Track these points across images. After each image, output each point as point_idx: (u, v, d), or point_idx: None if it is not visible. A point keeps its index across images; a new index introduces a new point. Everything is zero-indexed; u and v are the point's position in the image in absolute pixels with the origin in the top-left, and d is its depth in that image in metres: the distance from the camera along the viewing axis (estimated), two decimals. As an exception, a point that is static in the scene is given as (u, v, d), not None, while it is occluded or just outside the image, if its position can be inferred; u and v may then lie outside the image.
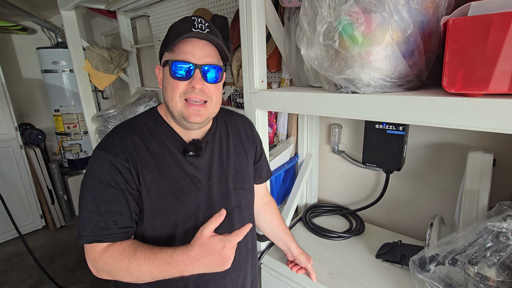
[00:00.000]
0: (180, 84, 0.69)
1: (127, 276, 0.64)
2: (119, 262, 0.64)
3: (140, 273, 0.63)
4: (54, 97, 2.83)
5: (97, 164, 0.67)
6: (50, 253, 2.49)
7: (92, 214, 0.66)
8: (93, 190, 0.66)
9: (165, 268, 0.62)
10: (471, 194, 0.84)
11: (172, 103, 0.70)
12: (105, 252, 0.66)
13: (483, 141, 1.01)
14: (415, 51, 0.67)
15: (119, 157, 0.67)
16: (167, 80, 0.70)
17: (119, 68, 2.29)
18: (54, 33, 2.82)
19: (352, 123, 1.33)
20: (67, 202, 3.02)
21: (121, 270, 0.64)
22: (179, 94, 0.69)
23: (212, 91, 0.72)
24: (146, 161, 0.70)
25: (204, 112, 0.72)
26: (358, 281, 0.95)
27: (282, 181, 1.37)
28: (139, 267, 0.63)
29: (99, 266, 0.66)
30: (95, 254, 0.67)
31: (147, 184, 0.69)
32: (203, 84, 0.69)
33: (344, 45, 0.67)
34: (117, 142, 0.69)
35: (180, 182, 0.72)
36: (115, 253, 0.65)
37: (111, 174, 0.66)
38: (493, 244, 0.69)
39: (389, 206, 1.28)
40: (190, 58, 0.68)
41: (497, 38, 0.52)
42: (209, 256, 0.61)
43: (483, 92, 0.56)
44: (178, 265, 0.62)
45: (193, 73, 0.68)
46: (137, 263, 0.63)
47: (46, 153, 3.14)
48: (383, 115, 0.69)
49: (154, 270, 0.63)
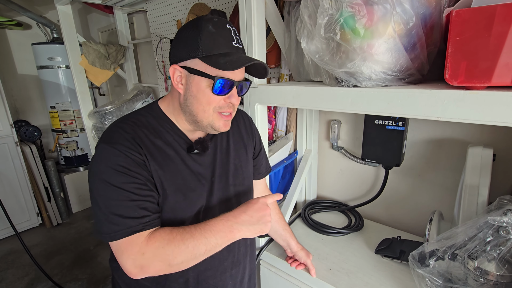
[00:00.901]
0: (217, 99, 0.68)
1: (182, 254, 0.61)
2: (172, 241, 0.61)
3: (196, 245, 0.62)
4: (50, 93, 2.80)
5: (110, 157, 0.63)
6: (47, 250, 2.47)
7: (120, 207, 0.61)
8: (114, 182, 0.62)
9: (224, 230, 0.64)
10: (471, 189, 0.84)
11: (204, 114, 0.69)
12: (151, 238, 0.62)
13: (482, 136, 1.01)
14: (417, 44, 0.66)
15: (131, 149, 0.64)
16: (203, 92, 0.67)
17: (116, 64, 2.27)
18: (49, 29, 2.78)
19: (351, 119, 1.33)
20: (64, 200, 2.99)
21: (175, 248, 0.61)
22: (214, 107, 0.68)
23: (239, 102, 0.73)
24: (154, 157, 0.67)
25: (231, 121, 0.74)
26: (358, 277, 0.95)
27: (281, 177, 1.36)
28: (196, 240, 0.62)
29: (148, 255, 0.60)
30: (140, 245, 0.61)
31: (156, 179, 0.67)
32: (238, 99, 0.71)
33: (346, 38, 0.66)
34: (124, 134, 0.66)
35: (186, 179, 0.71)
36: (163, 234, 0.62)
37: (129, 165, 0.63)
38: (493, 238, 0.69)
39: (388, 202, 1.28)
40: (231, 76, 0.67)
41: (500, 29, 0.51)
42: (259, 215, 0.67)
43: (486, 85, 0.55)
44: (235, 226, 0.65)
45: (232, 90, 0.69)
46: (190, 235, 0.62)
47: (42, 150, 3.11)
48: (384, 109, 0.68)
49: (207, 235, 0.63)
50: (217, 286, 0.78)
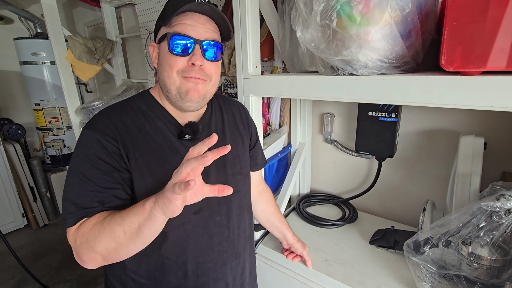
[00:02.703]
0: (178, 61, 0.64)
1: (102, 238, 0.56)
2: (95, 225, 0.57)
3: (113, 226, 0.55)
4: (34, 90, 2.70)
5: (85, 143, 0.63)
6: (33, 252, 2.39)
7: (78, 195, 0.60)
8: (80, 170, 0.61)
9: (138, 205, 0.55)
10: (463, 177, 0.85)
11: (169, 80, 0.66)
12: (82, 224, 0.60)
13: (472, 126, 1.03)
14: (412, 32, 0.67)
15: (108, 136, 0.63)
16: (164, 57, 0.66)
17: (104, 59, 2.21)
18: (33, 23, 2.68)
19: (345, 112, 1.33)
20: (50, 200, 2.90)
21: (95, 232, 0.56)
22: (177, 71, 0.65)
23: (212, 70, 0.68)
24: (138, 143, 0.66)
25: (202, 88, 0.68)
26: (353, 267, 0.96)
27: (275, 170, 1.35)
28: (113, 221, 0.55)
29: (78, 242, 0.58)
30: (74, 231, 0.59)
31: (140, 167, 0.65)
32: (203, 61, 0.66)
33: (342, 25, 0.66)
34: (107, 121, 0.65)
35: (175, 166, 0.68)
36: (92, 219, 0.59)
37: (99, 153, 0.62)
38: (486, 224, 0.70)
39: (381, 193, 1.30)
40: (190, 32, 0.63)
41: (495, 14, 0.52)
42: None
43: (481, 70, 0.56)
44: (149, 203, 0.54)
45: (193, 49, 0.64)
46: (111, 217, 0.56)
47: (27, 149, 3.01)
48: (381, 96, 0.68)
49: (123, 214, 0.55)
50: (217, 279, 0.76)
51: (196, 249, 0.72)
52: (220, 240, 0.75)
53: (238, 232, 0.79)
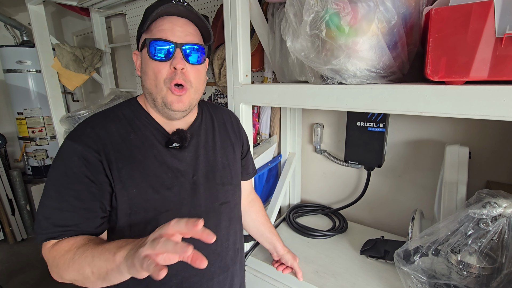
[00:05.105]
0: (160, 67, 0.63)
1: (70, 271, 0.55)
2: (64, 255, 0.56)
3: (82, 264, 0.54)
4: (17, 99, 2.63)
5: (65, 155, 0.61)
6: (9, 269, 2.26)
7: (52, 210, 0.59)
8: (58, 184, 0.59)
9: (110, 251, 0.51)
10: (450, 185, 0.87)
11: (156, 89, 0.65)
12: (54, 246, 0.59)
13: (456, 136, 1.06)
14: (398, 43, 0.69)
15: (90, 147, 0.61)
16: (146, 63, 0.65)
17: (92, 68, 2.18)
18: (19, 31, 2.64)
19: (334, 122, 1.35)
20: (30, 213, 2.77)
21: (64, 263, 0.56)
22: (164, 80, 0.64)
23: (195, 73, 0.67)
24: (122, 153, 0.64)
25: (186, 98, 0.67)
26: (344, 278, 0.94)
27: (265, 180, 1.34)
28: (83, 259, 0.54)
29: (49, 263, 0.60)
30: (45, 251, 0.60)
31: (123, 178, 0.63)
32: (185, 64, 0.65)
33: (331, 35, 0.67)
34: (89, 131, 0.63)
35: (161, 176, 0.67)
36: (64, 245, 0.58)
37: (79, 167, 0.60)
38: (474, 231, 0.71)
39: (370, 203, 1.30)
40: (169, 36, 0.63)
41: (476, 26, 0.54)
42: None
43: (464, 79, 0.58)
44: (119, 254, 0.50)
45: (174, 52, 0.63)
46: (83, 251, 0.55)
47: (7, 160, 2.88)
48: (369, 105, 0.69)
49: (95, 254, 0.53)
50: None
51: (180, 263, 0.69)
52: (207, 253, 0.72)
53: (226, 244, 0.77)
